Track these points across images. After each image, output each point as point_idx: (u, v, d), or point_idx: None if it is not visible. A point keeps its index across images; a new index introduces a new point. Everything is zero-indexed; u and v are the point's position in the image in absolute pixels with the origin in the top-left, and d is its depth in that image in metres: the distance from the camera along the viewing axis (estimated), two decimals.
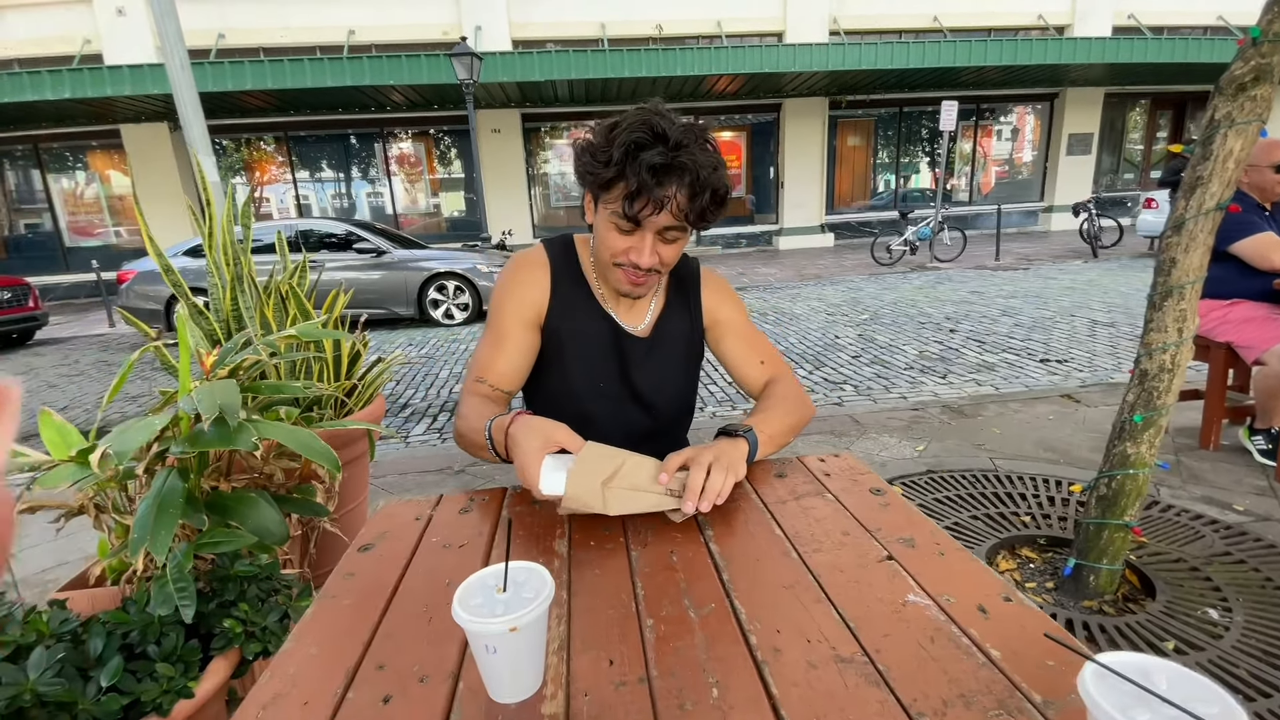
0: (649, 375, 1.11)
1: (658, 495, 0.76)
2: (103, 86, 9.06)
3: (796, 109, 12.87)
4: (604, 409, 1.09)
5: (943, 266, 9.21)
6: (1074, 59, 10.82)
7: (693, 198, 0.90)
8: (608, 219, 0.94)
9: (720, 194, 0.92)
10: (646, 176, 0.86)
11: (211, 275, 1.82)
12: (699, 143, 0.90)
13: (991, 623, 0.55)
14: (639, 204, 0.88)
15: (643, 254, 0.94)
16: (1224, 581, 1.72)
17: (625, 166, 0.88)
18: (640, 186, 0.87)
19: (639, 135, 0.88)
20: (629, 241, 0.94)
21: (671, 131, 0.88)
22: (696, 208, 0.91)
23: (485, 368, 1.04)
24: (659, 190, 0.88)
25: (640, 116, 0.91)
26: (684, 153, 0.88)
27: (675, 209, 0.90)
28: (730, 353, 1.16)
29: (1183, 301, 1.58)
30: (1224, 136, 1.48)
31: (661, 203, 0.89)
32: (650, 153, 0.86)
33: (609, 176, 0.89)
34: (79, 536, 2.20)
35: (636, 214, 0.89)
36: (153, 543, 0.94)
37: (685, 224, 0.93)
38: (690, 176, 0.88)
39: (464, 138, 12.25)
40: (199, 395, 1.04)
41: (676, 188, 0.89)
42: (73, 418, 4.28)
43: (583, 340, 1.07)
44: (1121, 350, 4.36)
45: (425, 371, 5.00)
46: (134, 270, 6.82)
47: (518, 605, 0.48)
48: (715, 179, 0.91)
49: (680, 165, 0.87)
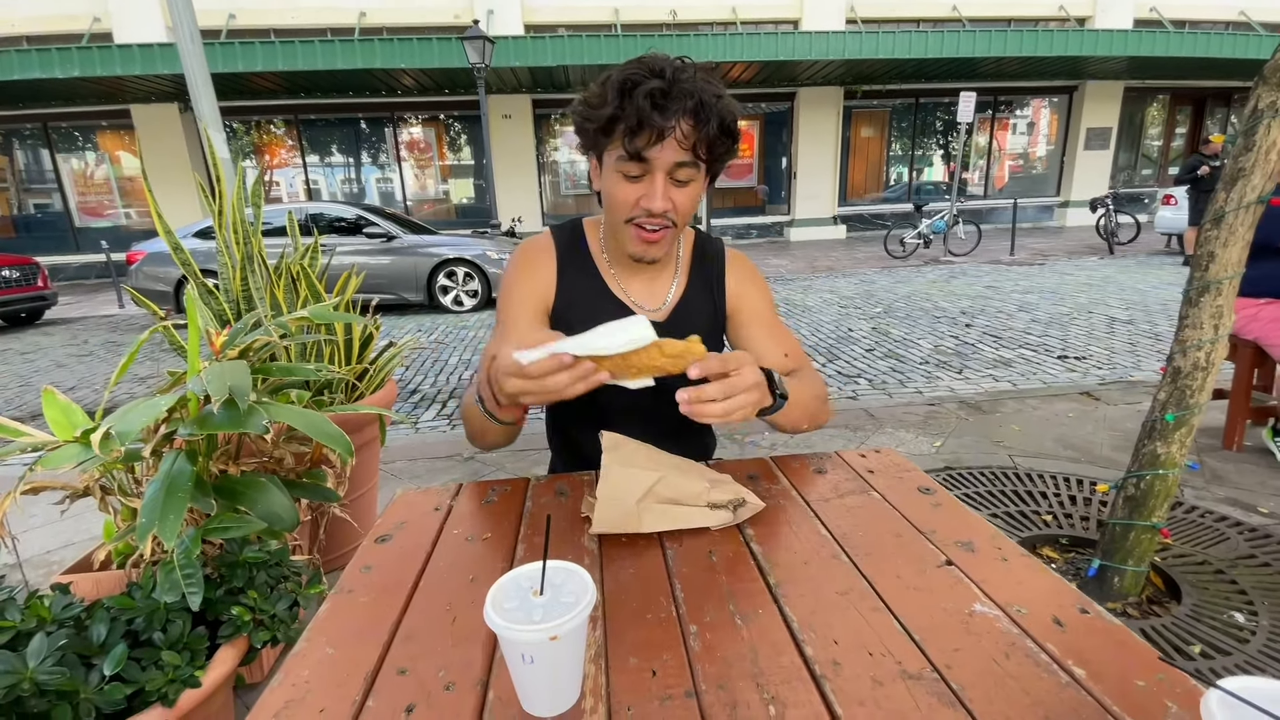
0: None
1: (700, 509, 0.70)
2: (112, 65, 9.01)
3: (811, 98, 12.70)
4: (620, 403, 0.97)
5: (957, 261, 9.09)
6: (1095, 51, 10.62)
7: (698, 124, 0.84)
8: (614, 171, 0.89)
9: (729, 124, 0.86)
10: (645, 104, 0.81)
11: (221, 255, 1.78)
12: (701, 73, 0.85)
13: (1069, 637, 0.50)
14: (641, 138, 0.83)
15: (655, 197, 0.87)
16: (1249, 585, 1.68)
17: (622, 101, 0.83)
18: (640, 118, 0.82)
19: (634, 71, 0.84)
20: (639, 189, 0.88)
21: (668, 66, 0.84)
22: (704, 136, 0.84)
23: None
24: (660, 119, 0.82)
25: (635, 59, 0.87)
26: (684, 80, 0.83)
27: (680, 137, 0.84)
28: (752, 343, 1.06)
29: (1220, 297, 1.52)
30: (1267, 127, 1.41)
31: (663, 132, 0.83)
32: (648, 83, 0.82)
33: (607, 115, 0.84)
34: (85, 517, 2.18)
35: (640, 149, 0.84)
36: (161, 527, 0.90)
37: (695, 159, 0.86)
38: (694, 101, 0.83)
39: (474, 123, 12.16)
40: (208, 376, 1.00)
41: (679, 115, 0.83)
42: (80, 398, 4.28)
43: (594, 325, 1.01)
44: (1141, 348, 4.28)
45: (435, 358, 4.97)
46: (143, 251, 6.80)
47: (556, 611, 0.43)
48: (722, 106, 0.85)
49: (681, 90, 0.82)
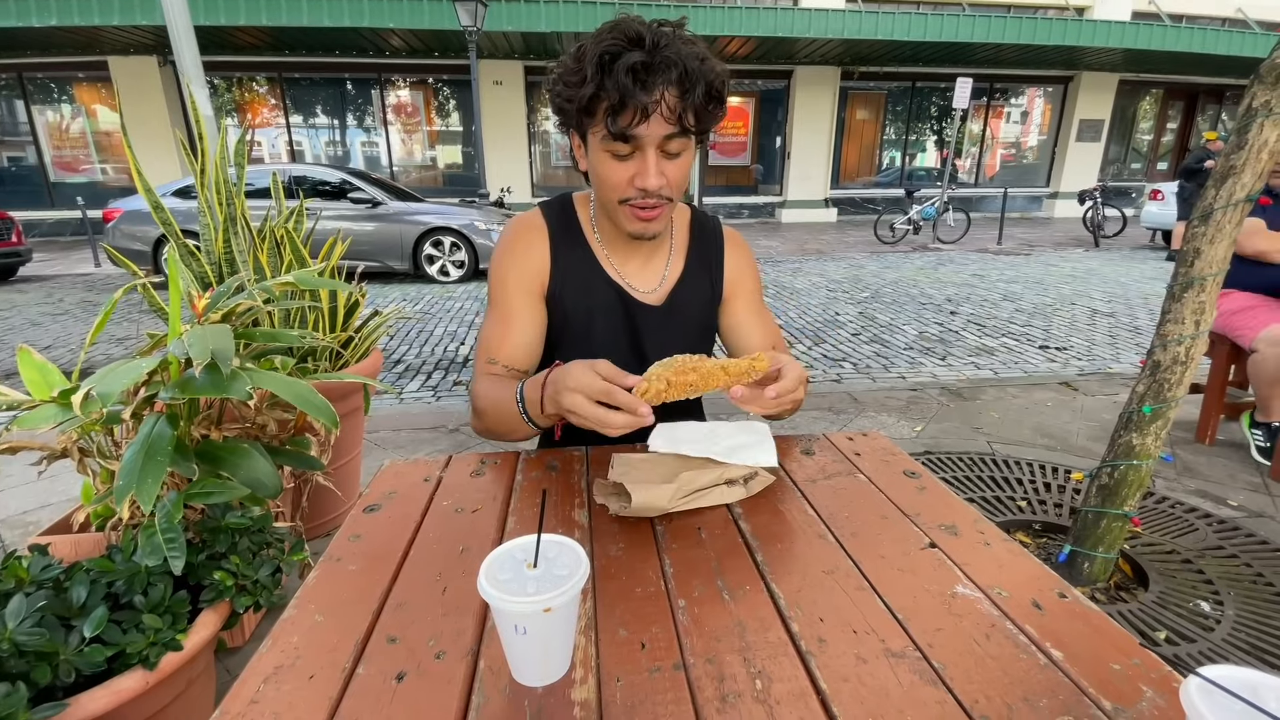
0: (664, 347, 1.00)
1: (719, 489, 0.71)
2: (90, 14, 8.66)
3: (808, 77, 12.56)
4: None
5: (945, 248, 9.14)
6: (1092, 42, 10.61)
7: (684, 94, 0.80)
8: (600, 151, 0.85)
9: (716, 88, 0.83)
10: (627, 80, 0.77)
11: (203, 215, 1.74)
12: (680, 38, 0.81)
13: (1048, 620, 0.51)
14: (626, 116, 0.79)
15: (648, 175, 0.83)
16: (1216, 575, 1.73)
17: (603, 78, 0.79)
18: (623, 95, 0.78)
19: (610, 43, 0.79)
20: (630, 168, 0.85)
21: (646, 31, 0.80)
22: (691, 105, 0.81)
23: (495, 347, 0.95)
24: (644, 95, 0.78)
25: (610, 26, 0.82)
26: (665, 48, 0.79)
27: (666, 111, 0.80)
28: (743, 327, 1.05)
29: (1203, 294, 1.55)
30: (1260, 126, 1.42)
31: (648, 109, 0.79)
32: (627, 56, 0.78)
33: (587, 95, 0.80)
34: (63, 478, 2.15)
35: (626, 129, 0.80)
36: (139, 490, 0.89)
37: (684, 130, 0.83)
38: (677, 70, 0.79)
39: (464, 89, 11.89)
40: (190, 339, 0.98)
41: (664, 88, 0.79)
42: (56, 357, 4.18)
43: (588, 311, 0.98)
44: (1120, 340, 4.36)
45: (420, 328, 4.92)
46: (120, 209, 6.61)
47: (550, 583, 0.43)
48: (707, 70, 0.81)
49: (664, 61, 0.78)
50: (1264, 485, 2.19)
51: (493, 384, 0.90)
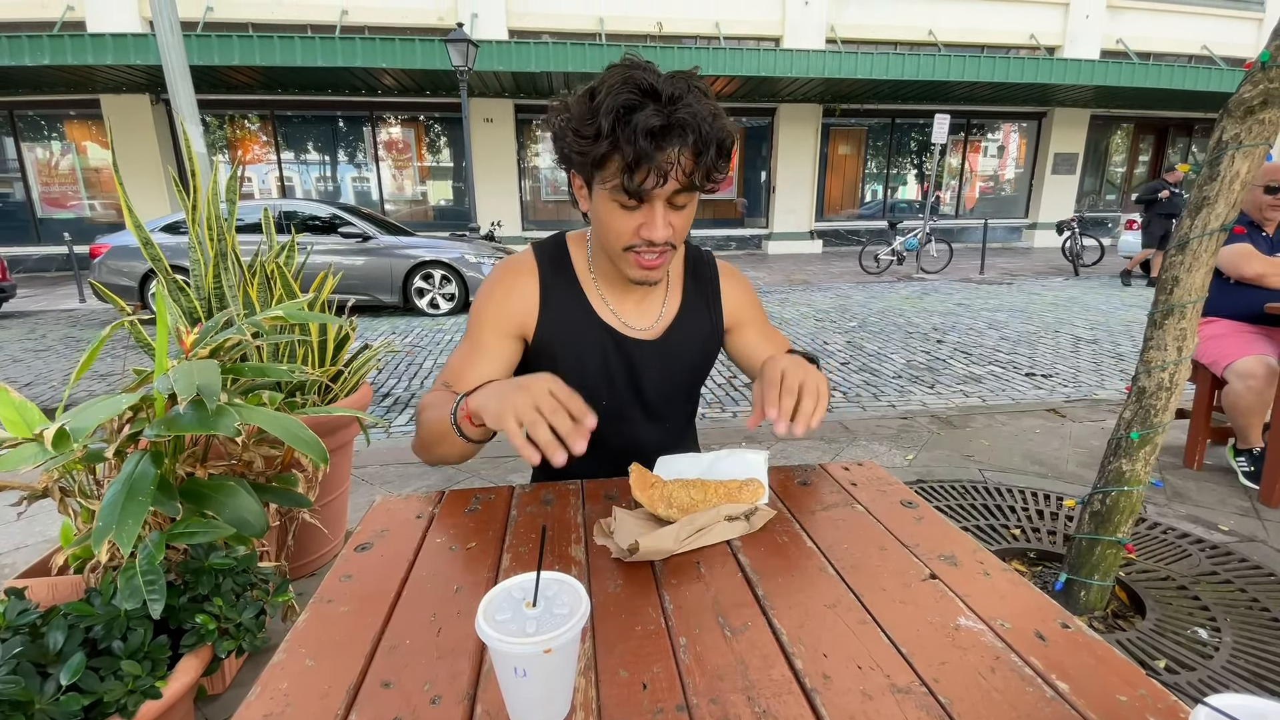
0: (660, 384, 1.01)
1: (720, 526, 0.70)
2: (84, 54, 8.75)
3: (791, 114, 12.90)
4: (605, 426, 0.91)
5: (929, 278, 9.29)
6: (1063, 79, 10.99)
7: (698, 156, 0.81)
8: (608, 201, 0.85)
9: (726, 145, 0.83)
10: (645, 144, 0.76)
11: (193, 250, 1.74)
12: (693, 91, 0.81)
13: (1052, 651, 0.51)
14: (640, 175, 0.79)
15: (655, 227, 0.84)
16: (1212, 601, 1.72)
17: (618, 136, 0.77)
18: (639, 156, 0.77)
19: (627, 97, 0.78)
20: (637, 219, 0.85)
21: (661, 85, 0.79)
22: (703, 165, 0.82)
23: (456, 375, 0.95)
24: (660, 156, 0.78)
25: (622, 74, 0.80)
26: (681, 107, 0.78)
27: (680, 174, 0.81)
28: (753, 348, 1.07)
29: (1183, 320, 1.57)
30: (1231, 158, 1.47)
31: (665, 170, 0.79)
32: (643, 114, 0.77)
33: (601, 153, 0.79)
34: (40, 519, 2.09)
35: (639, 187, 0.80)
36: (118, 532, 0.87)
37: (694, 186, 0.84)
38: (693, 134, 0.79)
39: (455, 125, 12.07)
40: (176, 375, 0.97)
41: (679, 148, 0.79)
42: (37, 394, 4.11)
43: (579, 353, 0.98)
44: (1104, 367, 4.41)
45: (409, 361, 4.90)
46: (108, 244, 6.59)
47: (550, 623, 0.42)
48: (719, 129, 0.81)
49: (680, 123, 0.78)
50: (1253, 509, 2.20)
51: (435, 397, 0.90)
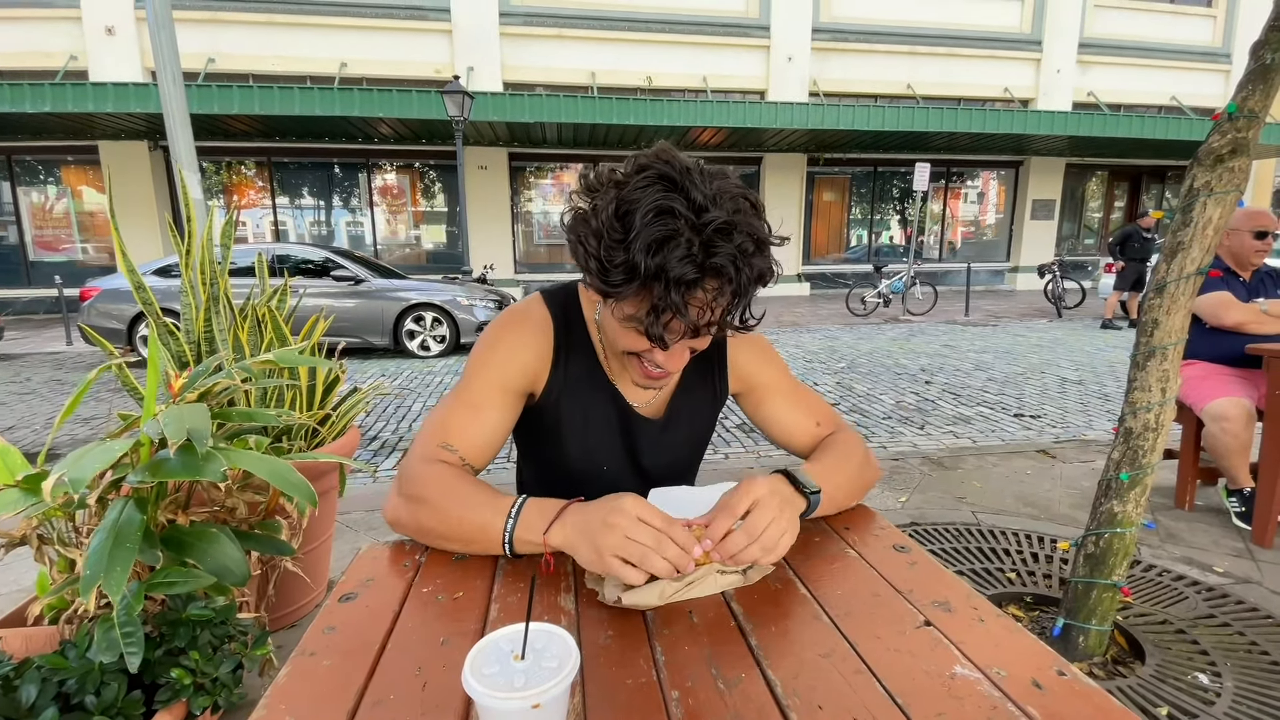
0: (660, 456, 0.98)
1: (712, 578, 0.68)
2: (84, 102, 8.92)
3: (776, 163, 13.28)
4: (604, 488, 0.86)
5: (915, 320, 9.43)
6: (1037, 130, 11.45)
7: (732, 302, 0.73)
8: (623, 322, 0.76)
9: (766, 278, 0.74)
10: (677, 298, 0.68)
11: (185, 295, 1.74)
12: (741, 218, 0.70)
13: (1049, 700, 0.50)
14: (665, 320, 0.71)
15: (670, 361, 0.78)
16: (1210, 645, 1.70)
17: (647, 278, 0.68)
18: (667, 307, 0.69)
19: (663, 229, 0.67)
20: (649, 343, 0.76)
21: (706, 211, 0.68)
22: (737, 309, 0.75)
23: (456, 434, 0.84)
24: (692, 307, 0.70)
25: (659, 199, 0.68)
26: (722, 247, 0.67)
27: (709, 323, 0.73)
28: (776, 417, 0.99)
29: (1165, 362, 1.60)
30: (1204, 205, 1.52)
31: (694, 322, 0.71)
32: (678, 255, 0.66)
33: (629, 294, 0.71)
34: (13, 568, 2.02)
35: (661, 334, 0.72)
36: (107, 580, 0.85)
37: (721, 328, 0.77)
38: (732, 285, 0.70)
39: (449, 172, 12.32)
40: (166, 419, 0.96)
41: (715, 296, 0.71)
42: (19, 438, 4.03)
43: (585, 418, 0.93)
44: (1091, 407, 4.45)
45: (399, 404, 4.87)
46: (98, 287, 6.59)
47: (539, 676, 0.42)
48: (760, 264, 0.72)
49: (716, 268, 0.68)
50: (1247, 550, 2.20)
51: (458, 478, 0.78)
